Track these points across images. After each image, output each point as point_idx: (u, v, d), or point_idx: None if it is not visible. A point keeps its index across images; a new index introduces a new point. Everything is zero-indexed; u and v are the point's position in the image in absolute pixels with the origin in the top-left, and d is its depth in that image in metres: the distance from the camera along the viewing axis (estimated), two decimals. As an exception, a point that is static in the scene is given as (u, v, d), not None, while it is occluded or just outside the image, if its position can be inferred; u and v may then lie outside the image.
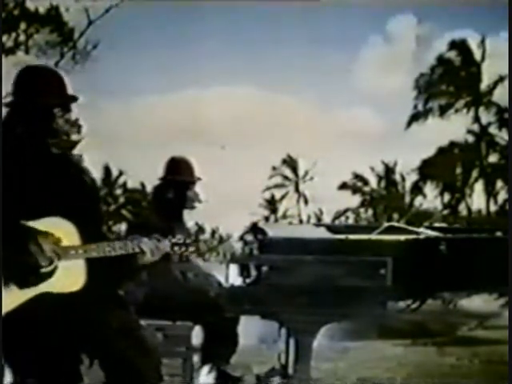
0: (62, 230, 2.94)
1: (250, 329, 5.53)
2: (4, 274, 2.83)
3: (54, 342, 2.88)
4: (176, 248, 3.19)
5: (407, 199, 42.25)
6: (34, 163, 3.00)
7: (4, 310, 2.83)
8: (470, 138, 36.71)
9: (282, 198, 51.87)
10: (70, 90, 3.14)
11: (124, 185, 46.09)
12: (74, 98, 3.12)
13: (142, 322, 3.23)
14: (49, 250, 2.85)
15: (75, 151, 3.14)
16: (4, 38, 20.10)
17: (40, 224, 2.90)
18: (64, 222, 2.95)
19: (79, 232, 2.97)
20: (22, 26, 20.99)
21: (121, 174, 45.63)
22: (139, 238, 3.10)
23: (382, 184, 45.46)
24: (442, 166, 35.68)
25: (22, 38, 21.12)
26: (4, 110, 3.11)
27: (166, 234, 3.25)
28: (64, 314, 2.89)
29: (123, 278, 3.28)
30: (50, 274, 2.88)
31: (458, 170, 37.29)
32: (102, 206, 3.48)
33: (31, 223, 2.88)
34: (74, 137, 3.09)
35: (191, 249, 3.22)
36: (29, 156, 3.00)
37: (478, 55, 36.36)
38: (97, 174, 3.36)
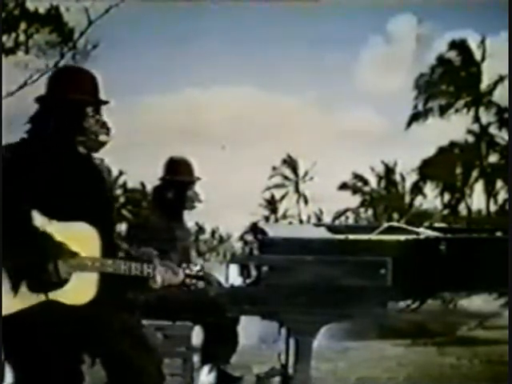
0: (86, 236, 2.95)
1: (250, 329, 5.54)
2: (16, 275, 2.83)
3: (56, 341, 2.88)
4: (188, 280, 3.20)
5: (407, 199, 42.25)
6: (60, 161, 3.01)
7: (10, 310, 2.84)
8: (470, 138, 36.72)
9: (282, 198, 51.91)
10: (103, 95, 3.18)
11: (124, 185, 46.09)
12: (105, 102, 3.16)
13: (143, 322, 3.24)
14: (64, 271, 2.86)
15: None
16: (4, 38, 20.07)
17: (65, 228, 2.90)
18: (89, 227, 2.96)
19: (100, 238, 2.98)
20: (22, 25, 20.95)
21: (121, 173, 45.63)
22: (155, 265, 3.11)
23: (382, 184, 45.47)
24: (442, 166, 35.66)
25: (22, 38, 21.09)
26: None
27: (167, 234, 3.26)
28: (67, 313, 2.89)
29: (132, 292, 3.30)
30: (62, 284, 2.89)
31: (458, 170, 37.27)
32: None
33: (57, 225, 2.88)
34: (102, 138, 3.10)
35: (201, 283, 3.24)
36: (56, 153, 3.02)
37: (478, 55, 36.38)
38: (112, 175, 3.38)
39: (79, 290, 2.92)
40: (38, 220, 2.86)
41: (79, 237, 2.93)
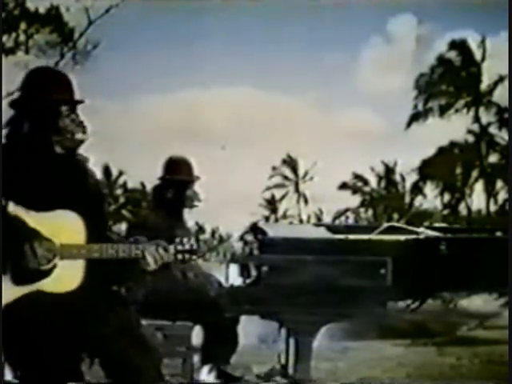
0: (71, 224, 2.95)
1: (250, 329, 5.53)
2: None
3: (53, 339, 2.87)
4: (180, 256, 3.16)
5: (407, 199, 42.24)
6: (38, 162, 3.01)
7: None
8: (470, 138, 36.71)
9: (282, 198, 51.88)
10: (77, 95, 3.18)
11: (124, 185, 46.09)
12: (80, 101, 3.16)
13: (142, 322, 3.23)
14: (42, 255, 2.86)
15: (80, 151, 3.16)
16: (4, 38, 20.09)
17: (50, 216, 2.91)
18: (74, 215, 2.96)
19: (86, 228, 2.98)
20: (22, 26, 20.99)
21: (121, 173, 45.64)
22: (144, 244, 3.09)
23: (382, 184, 45.46)
24: (442, 166, 35.67)
25: (22, 38, 21.12)
26: (10, 110, 3.13)
27: (167, 234, 3.23)
28: (63, 311, 2.89)
29: (123, 279, 3.28)
30: (48, 273, 2.89)
31: (458, 170, 37.28)
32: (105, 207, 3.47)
33: (41, 214, 2.89)
34: (79, 136, 3.10)
35: (194, 257, 3.20)
36: (33, 155, 3.02)
37: (478, 55, 36.37)
38: (97, 174, 3.36)
39: (64, 278, 2.91)
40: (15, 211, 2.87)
41: (62, 224, 2.93)
